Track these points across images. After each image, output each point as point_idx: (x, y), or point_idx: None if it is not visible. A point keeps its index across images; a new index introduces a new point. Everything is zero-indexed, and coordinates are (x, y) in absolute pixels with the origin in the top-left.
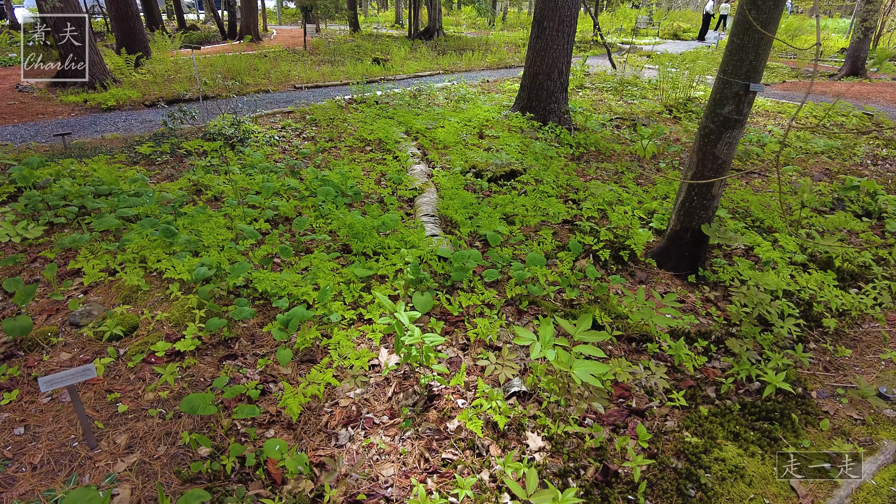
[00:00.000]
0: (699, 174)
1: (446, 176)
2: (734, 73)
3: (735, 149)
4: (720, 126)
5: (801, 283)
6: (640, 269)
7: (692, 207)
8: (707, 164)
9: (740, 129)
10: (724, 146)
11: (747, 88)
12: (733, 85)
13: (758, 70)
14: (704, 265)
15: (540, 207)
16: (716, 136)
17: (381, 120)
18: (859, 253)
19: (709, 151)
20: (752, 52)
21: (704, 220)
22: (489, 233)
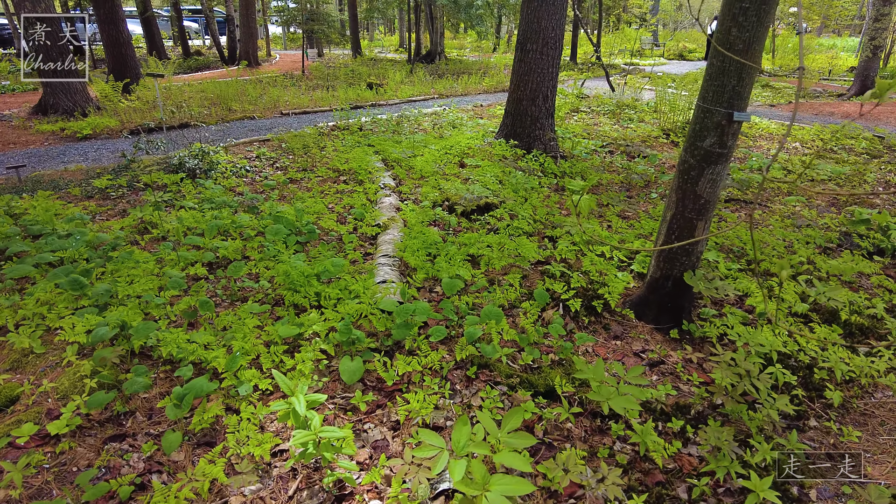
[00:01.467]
0: (679, 215)
1: (415, 210)
2: (715, 100)
3: (720, 186)
4: (701, 161)
5: (801, 341)
6: (616, 320)
7: (672, 252)
8: (688, 203)
9: (724, 163)
10: (706, 184)
11: (730, 118)
12: (714, 114)
13: (742, 96)
14: (690, 316)
15: (508, 248)
16: (696, 173)
17: (358, 149)
18: (870, 301)
19: (689, 190)
20: (734, 75)
21: (687, 267)
22: (446, 279)
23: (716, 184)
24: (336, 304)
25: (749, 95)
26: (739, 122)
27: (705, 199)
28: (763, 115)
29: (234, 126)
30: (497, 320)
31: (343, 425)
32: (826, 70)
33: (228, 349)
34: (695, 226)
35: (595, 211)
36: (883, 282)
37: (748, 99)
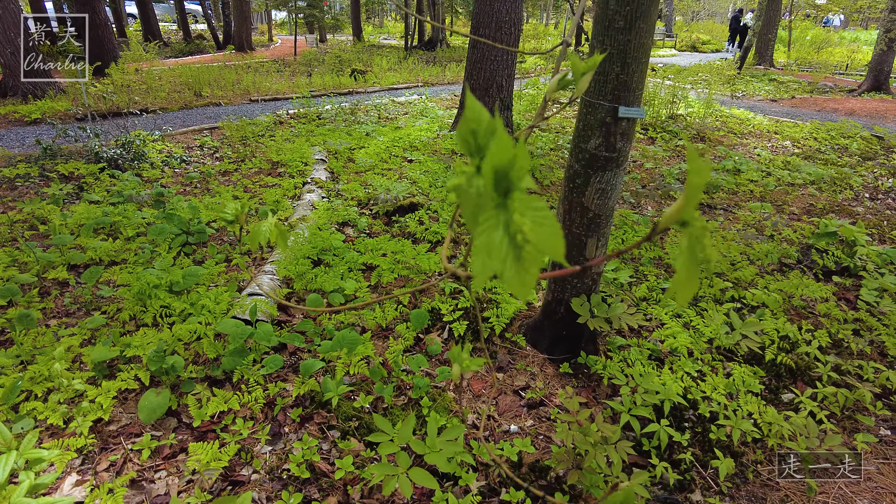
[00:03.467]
0: (567, 231)
1: (329, 210)
2: (597, 91)
3: (613, 197)
4: (587, 167)
5: (707, 387)
6: (506, 348)
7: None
8: (575, 217)
9: (615, 170)
10: (594, 194)
11: (615, 114)
12: (597, 109)
13: (628, 87)
14: (593, 346)
15: (406, 257)
16: (582, 181)
17: (300, 139)
18: (813, 335)
19: (576, 201)
20: (616, 60)
21: (580, 291)
22: (312, 296)
23: (606, 194)
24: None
25: (641, 86)
26: (630, 120)
27: (594, 213)
28: (761, 110)
29: (195, 113)
30: (351, 348)
31: (128, 472)
32: (843, 64)
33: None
34: (584, 244)
35: None
36: (832, 310)
37: (641, 91)
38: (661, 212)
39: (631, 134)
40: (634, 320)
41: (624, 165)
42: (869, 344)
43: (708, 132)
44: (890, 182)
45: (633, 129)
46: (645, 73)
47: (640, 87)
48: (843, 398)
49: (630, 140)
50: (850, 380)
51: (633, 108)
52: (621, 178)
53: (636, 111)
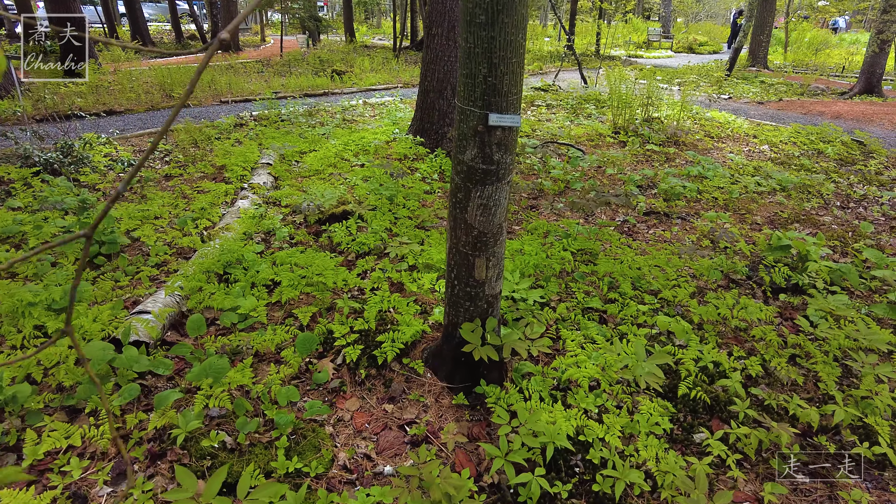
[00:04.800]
0: (454, 249)
1: (255, 218)
2: (467, 96)
3: (498, 214)
4: (466, 180)
5: (600, 429)
6: (403, 375)
7: (455, 296)
8: (460, 235)
9: (498, 184)
10: (476, 210)
11: (487, 122)
12: (469, 116)
13: (499, 91)
14: (494, 374)
15: (312, 272)
16: (464, 196)
17: (251, 142)
18: (746, 362)
19: (459, 217)
20: (482, 61)
21: (475, 315)
22: (194, 317)
23: (489, 211)
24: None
25: (515, 90)
26: (506, 129)
27: (479, 231)
28: (745, 112)
29: (161, 114)
30: (217, 377)
31: None
32: (840, 66)
33: None
34: (472, 263)
35: None
36: (768, 334)
37: (516, 96)
38: (614, 220)
39: (510, 144)
40: (525, 347)
41: (507, 179)
42: (803, 374)
43: (683, 136)
44: (864, 190)
45: (512, 140)
46: (519, 74)
47: (513, 92)
48: (758, 440)
49: (509, 151)
50: (771, 418)
51: (507, 115)
52: (506, 193)
53: (510, 119)
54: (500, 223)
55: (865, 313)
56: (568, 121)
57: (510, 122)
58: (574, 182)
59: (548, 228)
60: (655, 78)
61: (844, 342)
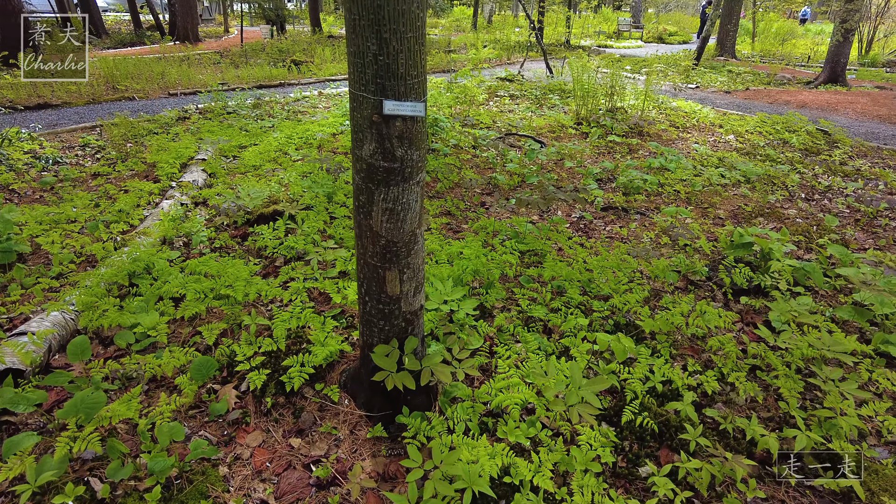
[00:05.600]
0: (362, 260)
1: (175, 221)
2: (357, 79)
3: (410, 220)
4: (366, 180)
5: (528, 468)
6: (316, 403)
7: (367, 314)
8: (367, 244)
9: (403, 185)
10: (381, 216)
11: (381, 109)
12: (363, 103)
13: (394, 73)
14: (419, 399)
15: (221, 283)
16: (366, 199)
17: (188, 136)
18: (704, 376)
19: (363, 224)
20: (370, 35)
21: (391, 335)
22: (76, 340)
23: (397, 216)
24: None
25: (417, 72)
26: (410, 119)
27: (387, 240)
28: (712, 102)
29: (101, 108)
30: (89, 414)
31: None
32: (806, 56)
33: None
34: (383, 277)
35: None
36: (727, 344)
37: (418, 79)
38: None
39: (415, 137)
40: (450, 371)
41: (417, 178)
42: (764, 389)
43: (647, 126)
44: (828, 181)
45: (417, 132)
46: (419, 53)
47: (414, 74)
48: (710, 475)
49: (416, 146)
50: (727, 444)
51: (407, 102)
52: (417, 195)
53: (410, 107)
54: (413, 230)
55: (830, 316)
56: (531, 112)
57: (411, 111)
58: (529, 176)
59: (497, 227)
60: (624, 68)
61: (808, 351)
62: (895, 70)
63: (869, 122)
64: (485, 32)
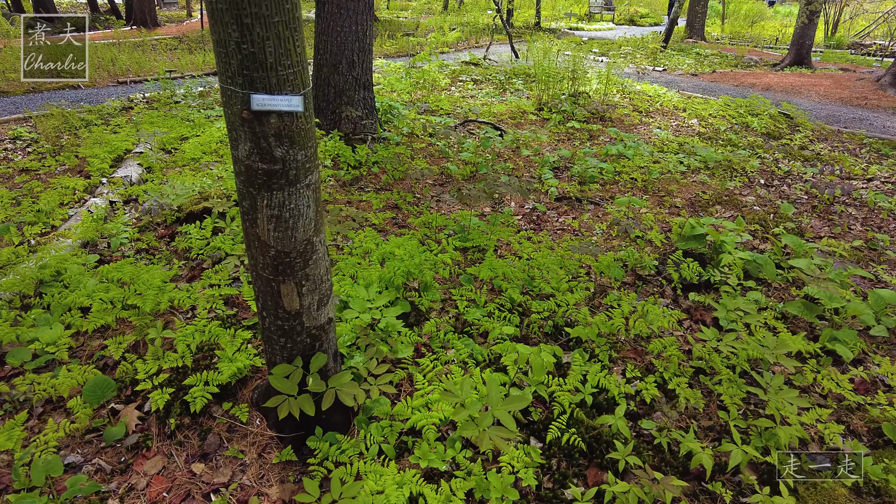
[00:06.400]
0: (253, 273)
1: (97, 221)
2: (223, 70)
3: (302, 228)
4: (247, 184)
5: (436, 498)
6: (224, 423)
7: (267, 330)
8: (256, 255)
9: (289, 189)
10: (268, 224)
11: (250, 104)
12: (232, 98)
13: (264, 63)
14: (336, 417)
15: (126, 295)
16: (249, 205)
17: (129, 127)
18: (643, 383)
19: (251, 232)
20: (230, 21)
21: (295, 352)
22: None
23: (286, 224)
24: None
25: (291, 61)
26: (288, 115)
27: (277, 250)
28: (678, 85)
29: (40, 97)
30: None
31: None
32: (774, 38)
33: None
34: (277, 290)
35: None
36: (669, 347)
37: (293, 69)
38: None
39: (297, 135)
40: (357, 390)
41: (307, 181)
42: (707, 394)
43: (609, 111)
44: (788, 166)
45: (300, 129)
46: (293, 41)
47: (287, 64)
48: (637, 499)
49: (299, 144)
50: (662, 459)
51: (280, 95)
52: (309, 200)
53: (285, 101)
54: (308, 238)
55: (780, 311)
56: (492, 97)
57: (286, 106)
58: (482, 166)
59: (442, 222)
60: (592, 50)
61: (754, 353)
62: (860, 52)
63: (831, 105)
64: (455, 15)
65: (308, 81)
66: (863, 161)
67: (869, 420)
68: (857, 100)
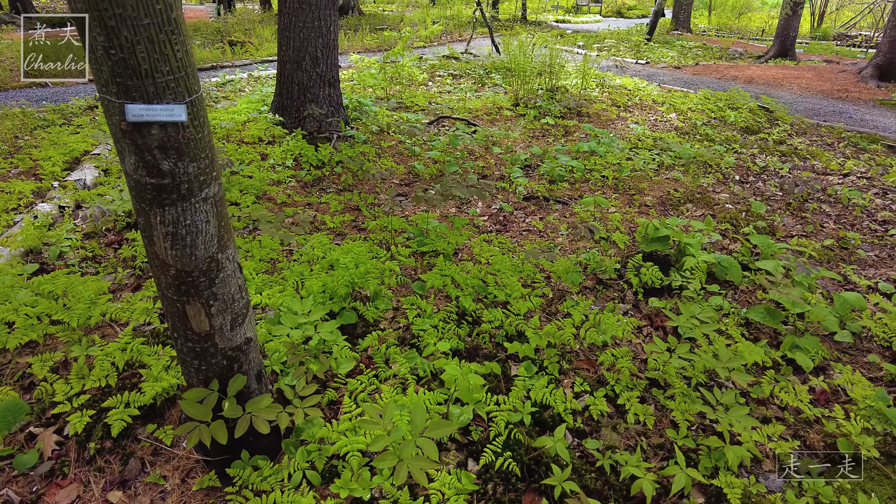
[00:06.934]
0: (160, 292)
1: (40, 228)
2: (97, 78)
3: (203, 245)
4: (139, 199)
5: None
6: (148, 446)
7: (180, 352)
8: (159, 275)
9: (186, 204)
10: (164, 241)
11: (124, 115)
12: (109, 108)
13: (137, 69)
14: (264, 442)
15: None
16: (145, 222)
17: (91, 128)
18: (588, 403)
19: (150, 252)
20: (94, 23)
21: (212, 375)
22: None
23: (183, 241)
24: None
25: (170, 67)
26: (175, 126)
27: (178, 269)
28: (660, 78)
29: (4, 95)
30: None
31: None
32: (760, 30)
33: None
34: (183, 311)
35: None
36: (620, 359)
37: (173, 76)
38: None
39: (186, 147)
40: (273, 415)
41: (203, 195)
42: (660, 409)
43: (587, 106)
44: (765, 161)
45: (189, 140)
46: (171, 43)
47: (166, 70)
48: None
49: (190, 156)
50: (604, 482)
51: (159, 105)
52: (206, 216)
53: (165, 111)
54: (211, 255)
55: (743, 317)
56: (470, 92)
57: (167, 116)
58: (449, 165)
59: (400, 225)
60: (577, 43)
61: (710, 364)
62: (845, 43)
63: (812, 98)
64: (440, 8)
65: (195, 87)
66: (840, 156)
67: (826, 434)
68: (839, 92)
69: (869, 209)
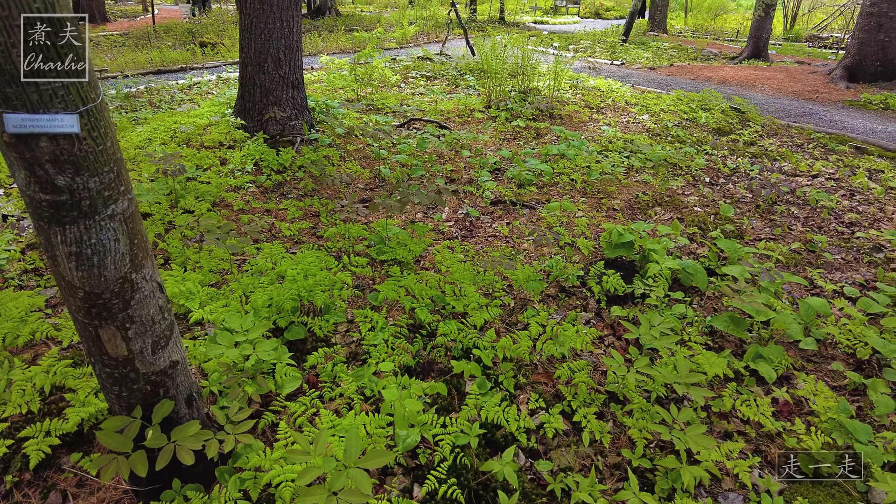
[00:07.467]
0: (70, 313)
1: None
2: None
3: (113, 265)
4: (37, 218)
5: None
6: (73, 476)
7: (100, 378)
8: (68, 298)
9: (89, 222)
10: (68, 262)
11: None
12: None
13: (11, 74)
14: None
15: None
16: (46, 241)
17: None
18: (542, 421)
19: (55, 272)
20: None
21: (135, 402)
22: None
23: (89, 262)
24: None
25: (55, 69)
26: (60, 137)
27: (86, 292)
28: (634, 79)
29: None
30: None
31: None
32: (735, 31)
33: None
34: (97, 335)
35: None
36: (577, 373)
37: (64, 80)
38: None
39: (85, 161)
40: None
41: (108, 212)
42: (618, 426)
43: (559, 108)
44: (735, 163)
45: (87, 152)
46: (56, 45)
47: (49, 72)
48: None
49: (89, 170)
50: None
51: (46, 114)
52: (115, 234)
53: (51, 121)
54: (124, 275)
55: (707, 326)
56: (443, 94)
57: (54, 127)
58: (415, 170)
59: (358, 233)
60: (553, 44)
61: (670, 378)
62: (817, 44)
63: (783, 99)
64: (418, 9)
65: (93, 96)
66: (809, 157)
67: (787, 450)
68: (809, 93)
69: (836, 211)
